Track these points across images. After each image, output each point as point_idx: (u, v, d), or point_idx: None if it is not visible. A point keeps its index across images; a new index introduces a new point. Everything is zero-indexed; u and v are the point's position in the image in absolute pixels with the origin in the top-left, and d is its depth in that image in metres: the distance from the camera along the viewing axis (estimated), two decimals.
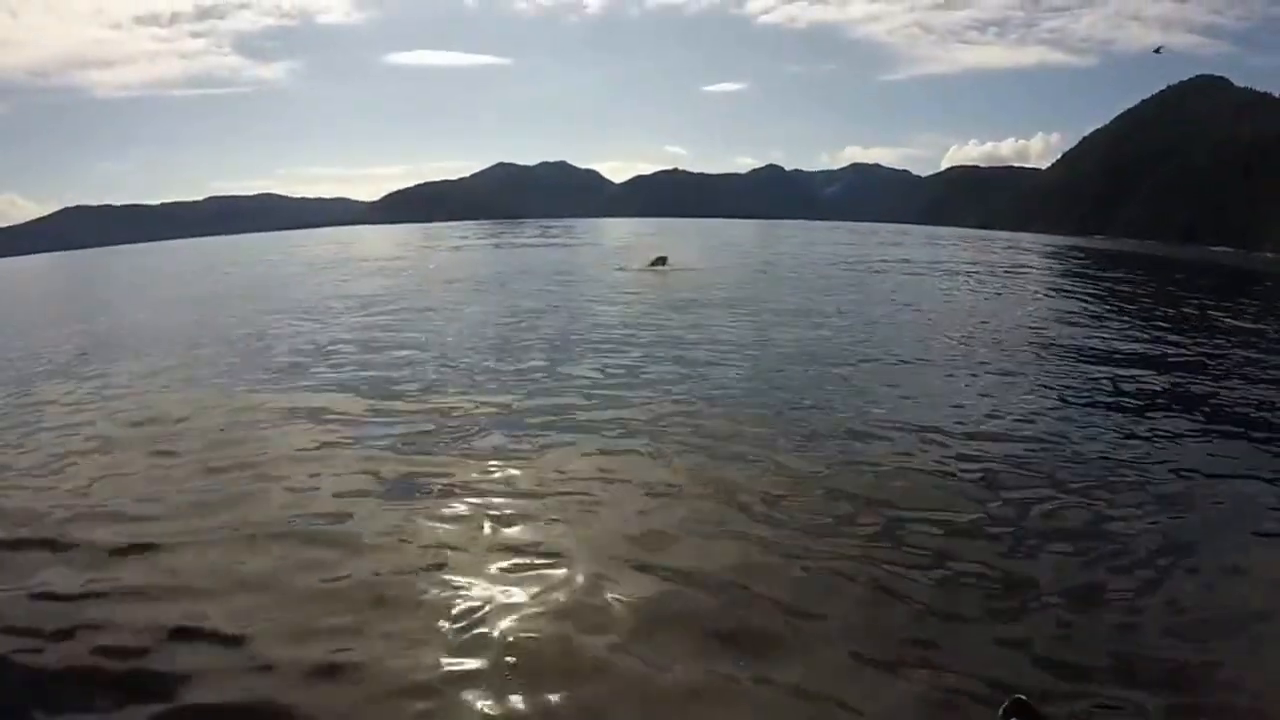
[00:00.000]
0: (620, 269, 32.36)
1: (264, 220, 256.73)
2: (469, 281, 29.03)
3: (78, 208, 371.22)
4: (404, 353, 14.47)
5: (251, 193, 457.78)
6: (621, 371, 12.74)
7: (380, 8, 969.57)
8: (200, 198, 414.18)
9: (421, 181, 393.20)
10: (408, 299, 23.21)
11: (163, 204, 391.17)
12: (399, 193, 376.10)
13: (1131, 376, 13.28)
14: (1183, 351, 16.08)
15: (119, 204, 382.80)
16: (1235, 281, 43.30)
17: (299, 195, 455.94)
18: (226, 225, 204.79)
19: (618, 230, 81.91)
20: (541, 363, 13.42)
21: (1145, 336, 17.96)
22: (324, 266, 40.19)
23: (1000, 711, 1.32)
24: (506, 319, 18.86)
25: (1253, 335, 18.96)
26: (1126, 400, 11.78)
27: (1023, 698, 1.28)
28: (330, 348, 15.17)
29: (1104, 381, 12.89)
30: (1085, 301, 25.19)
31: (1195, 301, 27.97)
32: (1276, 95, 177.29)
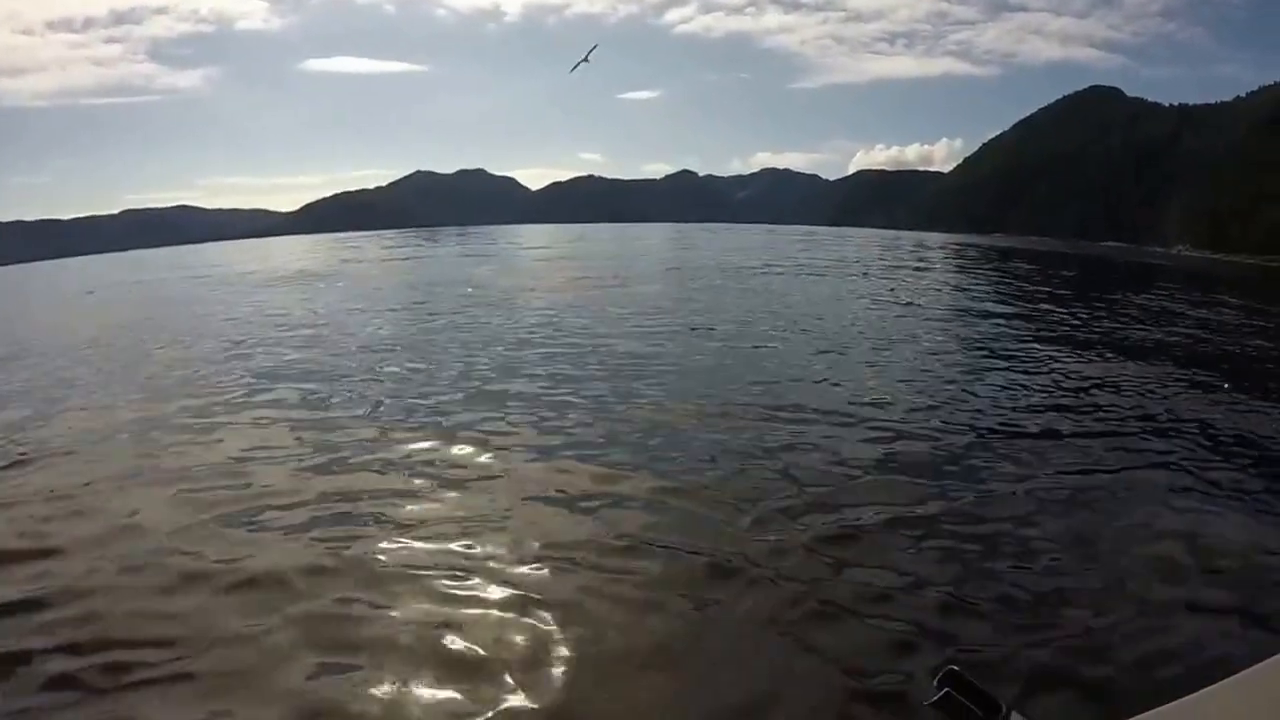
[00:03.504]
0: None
1: (181, 233, 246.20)
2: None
3: None
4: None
5: (168, 205, 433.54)
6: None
7: (299, 13, 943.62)
8: (115, 211, 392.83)
9: (340, 191, 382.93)
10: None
11: (76, 218, 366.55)
12: (318, 203, 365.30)
13: (1014, 348, 15.00)
14: (1068, 325, 18.30)
15: (31, 219, 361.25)
16: (1125, 273, 48.07)
17: (216, 206, 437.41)
18: (142, 239, 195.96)
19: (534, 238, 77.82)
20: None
21: (1023, 311, 21.11)
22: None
23: (935, 682, 1.16)
24: None
25: (1135, 313, 21.95)
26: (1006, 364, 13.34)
27: (956, 669, 1.11)
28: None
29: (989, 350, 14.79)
30: (982, 287, 29.08)
31: (1090, 288, 32.23)
32: (1165, 104, 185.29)
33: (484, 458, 8.08)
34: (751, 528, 6.28)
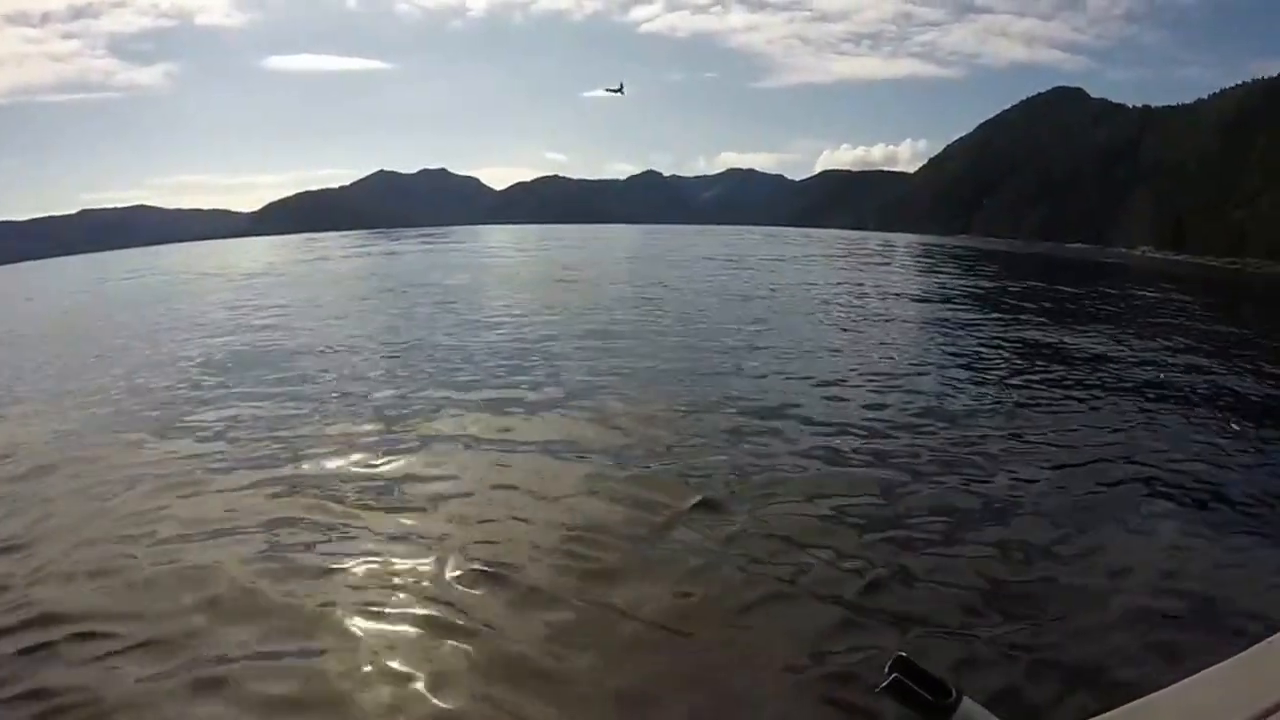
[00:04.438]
0: None
1: (139, 234, 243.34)
2: None
3: None
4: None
5: (126, 204, 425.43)
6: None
7: (261, 9, 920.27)
8: (73, 211, 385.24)
9: (301, 191, 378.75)
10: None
11: (33, 219, 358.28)
12: (279, 203, 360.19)
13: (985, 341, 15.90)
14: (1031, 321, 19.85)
15: None
16: (1087, 273, 49.52)
17: (176, 207, 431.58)
18: (101, 240, 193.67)
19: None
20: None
21: (991, 309, 22.01)
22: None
23: (885, 668, 1.31)
24: None
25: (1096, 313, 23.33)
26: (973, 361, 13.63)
27: (905, 655, 1.20)
28: None
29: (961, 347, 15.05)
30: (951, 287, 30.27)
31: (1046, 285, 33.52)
32: (1129, 106, 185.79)
33: (441, 448, 8.22)
34: (698, 510, 6.37)
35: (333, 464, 7.72)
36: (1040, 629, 4.64)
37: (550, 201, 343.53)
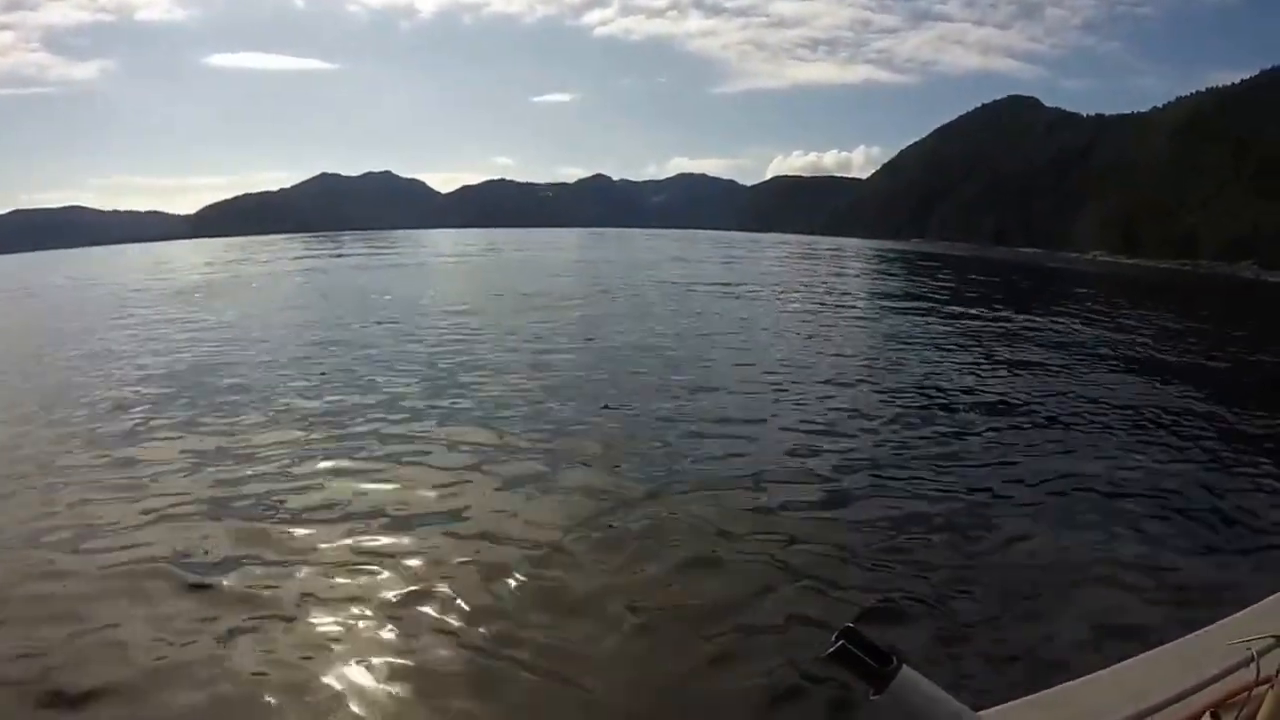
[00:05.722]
0: None
1: (72, 235, 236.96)
2: None
3: None
4: None
5: (59, 205, 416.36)
6: None
7: (204, 5, 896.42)
8: (5, 210, 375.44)
9: (241, 193, 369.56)
10: None
11: None
12: (217, 205, 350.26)
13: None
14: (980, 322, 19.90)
15: None
16: (1041, 277, 50.16)
17: (111, 208, 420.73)
18: (33, 241, 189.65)
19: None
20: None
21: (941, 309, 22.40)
22: None
23: (833, 637, 1.44)
24: None
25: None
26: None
27: (851, 625, 1.29)
28: None
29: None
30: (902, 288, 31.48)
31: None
32: (1083, 114, 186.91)
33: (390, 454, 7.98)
34: (644, 503, 6.41)
35: (262, 486, 7.05)
36: (981, 609, 4.75)
37: (497, 205, 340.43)
